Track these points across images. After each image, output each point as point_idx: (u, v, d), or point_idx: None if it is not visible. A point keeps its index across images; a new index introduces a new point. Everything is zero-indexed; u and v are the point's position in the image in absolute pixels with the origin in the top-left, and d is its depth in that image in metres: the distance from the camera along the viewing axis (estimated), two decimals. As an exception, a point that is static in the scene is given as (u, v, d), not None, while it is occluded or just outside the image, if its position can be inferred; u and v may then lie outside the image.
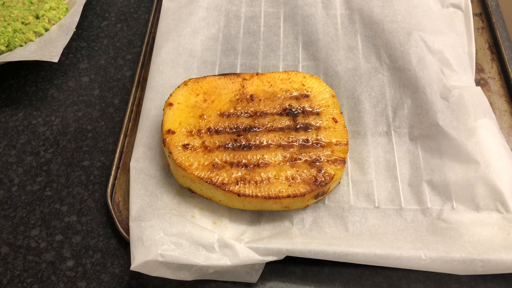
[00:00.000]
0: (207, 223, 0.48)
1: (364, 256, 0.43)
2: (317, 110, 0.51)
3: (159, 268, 0.43)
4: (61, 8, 0.66)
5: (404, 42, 0.58)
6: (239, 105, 0.52)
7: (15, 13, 0.63)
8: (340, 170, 0.47)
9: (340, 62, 0.60)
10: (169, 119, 0.50)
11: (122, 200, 0.51)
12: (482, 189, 0.48)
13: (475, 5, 0.67)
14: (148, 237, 0.43)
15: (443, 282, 0.45)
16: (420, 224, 0.47)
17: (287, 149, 0.48)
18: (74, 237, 0.50)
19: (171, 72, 0.59)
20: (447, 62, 0.57)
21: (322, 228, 0.47)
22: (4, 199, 0.53)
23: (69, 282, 0.47)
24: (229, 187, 0.46)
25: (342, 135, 0.50)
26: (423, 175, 0.50)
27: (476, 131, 0.50)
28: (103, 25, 0.69)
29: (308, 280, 0.46)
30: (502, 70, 0.61)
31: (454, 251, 0.43)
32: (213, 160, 0.47)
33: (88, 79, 0.63)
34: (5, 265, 0.48)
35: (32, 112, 0.60)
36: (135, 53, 0.66)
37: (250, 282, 0.46)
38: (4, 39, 0.60)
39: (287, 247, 0.44)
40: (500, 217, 0.47)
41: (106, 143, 0.57)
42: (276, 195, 0.45)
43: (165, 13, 0.66)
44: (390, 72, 0.58)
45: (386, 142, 0.53)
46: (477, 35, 0.64)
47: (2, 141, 0.57)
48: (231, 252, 0.43)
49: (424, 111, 0.53)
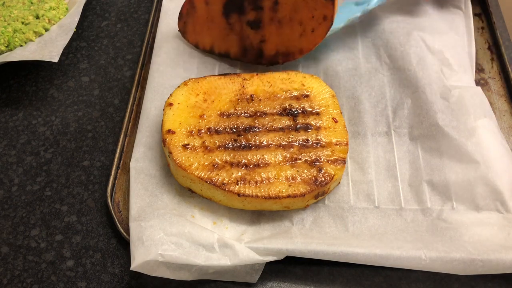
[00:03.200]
0: (207, 223, 0.48)
1: (364, 256, 0.43)
2: (317, 110, 0.51)
3: (159, 268, 0.43)
4: (61, 8, 0.66)
5: (404, 42, 0.58)
6: (239, 105, 0.52)
7: (15, 13, 0.63)
8: (340, 170, 0.47)
9: (340, 62, 0.60)
10: (169, 119, 0.50)
11: (122, 200, 0.51)
12: (482, 189, 0.48)
13: (475, 5, 0.67)
14: (148, 237, 0.43)
15: (443, 282, 0.45)
16: (420, 224, 0.47)
17: (287, 149, 0.48)
18: (74, 237, 0.50)
19: (171, 72, 0.59)
20: (447, 62, 0.57)
21: (322, 228, 0.47)
22: (4, 199, 0.53)
23: (69, 282, 0.47)
24: (229, 187, 0.46)
25: (342, 135, 0.50)
26: (423, 175, 0.50)
27: (476, 131, 0.50)
28: (103, 25, 0.69)
29: (308, 280, 0.46)
30: (502, 70, 0.61)
31: (454, 251, 0.43)
32: (213, 160, 0.47)
33: (88, 79, 0.63)
34: (5, 265, 0.48)
35: (32, 112, 0.60)
36: (135, 53, 0.66)
37: (250, 282, 0.46)
38: (4, 39, 0.60)
39: (287, 247, 0.44)
40: (500, 217, 0.47)
41: (106, 143, 0.57)
42: (276, 195, 0.45)
43: (165, 13, 0.66)
44: (390, 72, 0.58)
45: (386, 142, 0.53)
46: (477, 35, 0.64)
47: (2, 141, 0.57)
48: (231, 252, 0.43)
49: (424, 111, 0.53)
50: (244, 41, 0.54)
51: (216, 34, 0.55)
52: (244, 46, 0.54)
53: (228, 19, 0.55)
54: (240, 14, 0.55)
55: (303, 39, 0.54)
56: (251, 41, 0.54)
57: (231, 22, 0.54)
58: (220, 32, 0.55)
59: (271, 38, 0.54)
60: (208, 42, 0.54)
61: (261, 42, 0.54)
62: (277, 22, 0.54)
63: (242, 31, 0.54)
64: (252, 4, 0.55)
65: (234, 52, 0.54)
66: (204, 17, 0.56)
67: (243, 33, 0.54)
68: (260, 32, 0.54)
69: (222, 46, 0.54)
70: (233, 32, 0.54)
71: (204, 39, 0.55)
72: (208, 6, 0.57)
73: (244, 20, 0.55)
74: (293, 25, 0.54)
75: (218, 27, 0.55)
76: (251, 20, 0.54)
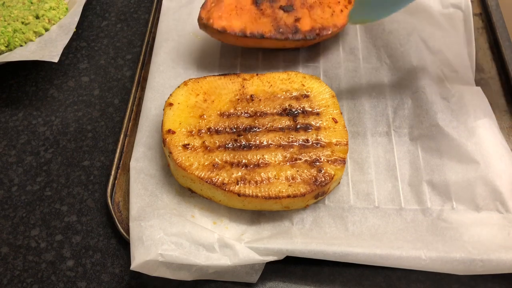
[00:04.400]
0: (207, 223, 0.48)
1: (364, 256, 0.43)
2: (317, 110, 0.51)
3: (159, 268, 0.43)
4: (61, 8, 0.66)
5: (404, 42, 0.59)
6: (239, 105, 0.52)
7: (15, 13, 0.63)
8: (340, 170, 0.47)
9: (340, 63, 0.60)
10: (169, 119, 0.50)
11: (122, 200, 0.51)
12: (482, 189, 0.48)
13: (475, 5, 0.67)
14: (148, 237, 0.43)
15: (443, 282, 0.45)
16: (420, 224, 0.47)
17: (287, 149, 0.48)
18: (74, 237, 0.50)
19: (171, 72, 0.59)
20: (447, 62, 0.57)
21: (322, 228, 0.47)
22: (4, 199, 0.53)
23: (69, 282, 0.47)
24: (229, 187, 0.46)
25: (342, 135, 0.50)
26: (423, 175, 0.50)
27: (476, 131, 0.50)
28: (103, 25, 0.69)
29: (308, 280, 0.46)
30: (502, 70, 0.61)
31: (454, 251, 0.43)
32: (213, 160, 0.47)
33: (88, 79, 0.63)
34: (5, 265, 0.48)
35: (32, 112, 0.60)
36: (135, 53, 0.66)
37: (250, 282, 0.46)
38: (4, 39, 0.60)
39: (287, 247, 0.44)
40: (500, 217, 0.47)
41: (106, 143, 0.57)
42: (276, 195, 0.45)
43: (165, 13, 0.66)
44: (391, 73, 0.58)
45: (386, 142, 0.53)
46: (477, 35, 0.64)
47: (2, 141, 0.57)
48: (231, 252, 0.43)
49: (424, 111, 0.53)
50: (278, 21, 0.56)
51: (246, 19, 0.56)
52: (278, 25, 0.55)
53: (259, 6, 0.56)
54: (272, 2, 0.57)
55: (335, 17, 0.58)
56: (285, 21, 0.56)
57: (262, 8, 0.56)
58: (251, 17, 0.56)
59: (305, 17, 0.57)
60: (238, 25, 0.54)
61: (296, 21, 0.56)
62: (309, 6, 0.58)
63: (274, 14, 0.56)
64: None
65: (269, 31, 0.54)
66: (233, 6, 0.57)
67: (276, 15, 0.56)
68: (293, 13, 0.57)
69: (253, 28, 0.55)
70: (264, 16, 0.56)
71: (232, 24, 0.54)
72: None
73: (276, 6, 0.57)
74: (323, 8, 0.58)
75: (248, 13, 0.56)
76: (283, 5, 0.57)
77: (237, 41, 0.57)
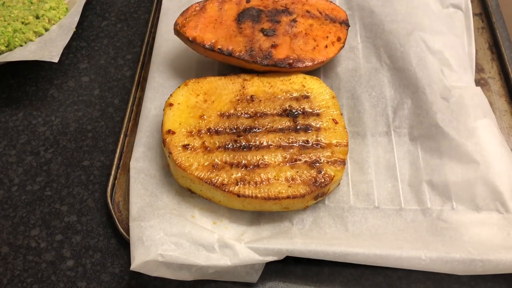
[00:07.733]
0: (207, 223, 0.48)
1: (364, 256, 0.43)
2: (317, 111, 0.51)
3: (159, 268, 0.43)
4: (61, 8, 0.66)
5: (404, 42, 0.58)
6: (239, 105, 0.52)
7: (15, 13, 0.63)
8: (340, 171, 0.47)
9: (340, 63, 0.60)
10: (169, 119, 0.50)
11: (122, 200, 0.51)
12: (482, 189, 0.48)
13: (475, 5, 0.67)
14: (148, 237, 0.43)
15: (443, 282, 0.45)
16: (420, 224, 0.47)
17: (287, 150, 0.48)
18: (74, 237, 0.50)
19: (171, 72, 0.59)
20: (447, 62, 0.57)
21: (322, 228, 0.47)
22: (4, 199, 0.53)
23: (69, 282, 0.47)
24: (229, 188, 0.46)
25: (342, 136, 0.50)
26: (423, 175, 0.50)
27: (476, 131, 0.50)
28: (103, 25, 0.69)
29: (308, 280, 0.46)
30: (502, 70, 0.61)
31: (454, 251, 0.43)
32: (213, 160, 0.47)
33: (88, 79, 0.63)
34: (5, 265, 0.48)
35: (32, 112, 0.60)
36: (135, 53, 0.66)
37: (250, 282, 0.46)
38: (4, 39, 0.60)
39: (287, 247, 0.44)
40: (500, 217, 0.47)
41: (106, 143, 0.57)
42: (276, 196, 0.45)
43: (165, 13, 0.66)
44: (390, 73, 0.58)
45: (386, 142, 0.53)
46: (477, 35, 0.64)
47: (2, 141, 0.57)
48: (231, 252, 0.43)
49: (424, 111, 0.53)
50: (252, 43, 0.55)
51: (222, 34, 0.55)
52: (251, 47, 0.54)
53: (240, 24, 0.55)
54: (255, 23, 0.56)
55: (316, 52, 0.56)
56: (261, 44, 0.54)
57: (242, 27, 0.55)
58: (227, 33, 0.55)
59: (283, 45, 0.56)
60: (209, 38, 0.54)
61: (272, 47, 0.55)
62: (292, 34, 0.56)
63: (252, 35, 0.55)
64: (269, 17, 0.57)
65: (238, 51, 0.54)
66: (213, 18, 0.56)
67: (254, 37, 0.55)
68: (273, 39, 0.55)
69: (225, 44, 0.54)
70: (241, 35, 0.55)
71: (205, 36, 0.55)
72: (221, 11, 0.57)
73: (258, 28, 0.56)
74: (308, 40, 0.56)
75: (226, 29, 0.55)
76: (265, 28, 0.56)
77: (206, 53, 0.56)
